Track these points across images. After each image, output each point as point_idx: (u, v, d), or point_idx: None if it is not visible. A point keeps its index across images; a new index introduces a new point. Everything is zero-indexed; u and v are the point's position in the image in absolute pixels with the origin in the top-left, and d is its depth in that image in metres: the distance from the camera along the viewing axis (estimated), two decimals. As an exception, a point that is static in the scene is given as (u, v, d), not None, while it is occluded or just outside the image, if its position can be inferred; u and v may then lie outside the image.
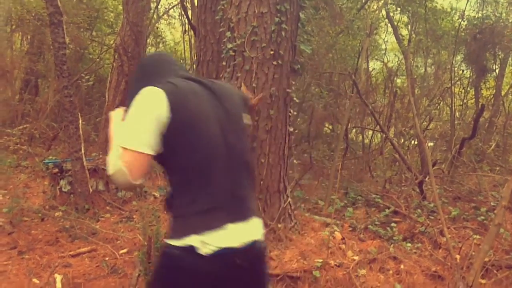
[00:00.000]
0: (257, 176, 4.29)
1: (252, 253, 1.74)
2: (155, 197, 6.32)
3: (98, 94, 13.01)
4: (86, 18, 12.63)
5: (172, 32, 15.18)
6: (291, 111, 4.80)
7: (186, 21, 8.93)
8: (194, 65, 13.17)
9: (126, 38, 8.11)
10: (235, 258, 1.66)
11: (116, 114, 1.87)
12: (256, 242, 1.76)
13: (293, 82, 4.86)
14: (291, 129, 4.77)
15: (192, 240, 1.61)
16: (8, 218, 5.04)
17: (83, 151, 5.49)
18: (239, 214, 1.74)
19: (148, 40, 10.88)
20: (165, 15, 13.01)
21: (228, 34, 4.51)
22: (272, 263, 3.83)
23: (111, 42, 13.97)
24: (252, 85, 4.29)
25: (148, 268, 3.44)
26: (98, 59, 13.05)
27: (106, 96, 8.00)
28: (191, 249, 1.61)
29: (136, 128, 1.62)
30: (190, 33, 9.54)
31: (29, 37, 14.00)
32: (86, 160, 5.59)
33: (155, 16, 11.92)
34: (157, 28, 13.38)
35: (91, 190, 5.56)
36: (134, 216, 5.41)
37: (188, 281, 1.65)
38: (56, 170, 5.71)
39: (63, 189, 5.68)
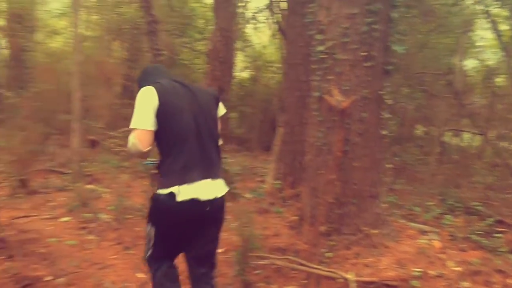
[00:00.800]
0: (350, 180, 4.25)
1: (214, 204, 2.58)
2: (246, 199, 6.46)
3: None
4: (178, 25, 13.22)
5: (259, 36, 15.44)
6: (384, 113, 4.69)
7: (275, 25, 9.06)
8: (281, 69, 13.36)
9: (217, 43, 8.36)
10: (201, 206, 2.51)
11: None
12: (218, 197, 2.60)
13: (386, 84, 4.74)
14: (384, 132, 4.65)
15: (173, 189, 2.47)
16: (114, 215, 5.43)
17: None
18: (206, 175, 2.56)
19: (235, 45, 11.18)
20: (252, 20, 13.27)
21: (318, 36, 4.50)
22: (367, 270, 3.77)
23: (202, 47, 14.52)
24: (343, 88, 4.25)
25: (244, 268, 3.54)
26: (190, 65, 13.60)
27: (199, 100, 8.31)
28: (172, 195, 2.47)
29: (140, 114, 2.48)
30: (278, 37, 9.64)
31: (126, 45, 14.94)
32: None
33: (242, 21, 12.22)
34: (245, 32, 13.69)
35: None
36: (229, 217, 5.57)
37: (169, 217, 2.55)
38: (156, 171, 6.03)
39: (160, 190, 5.99)
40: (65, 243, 4.52)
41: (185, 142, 2.53)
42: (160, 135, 2.53)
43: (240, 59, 14.55)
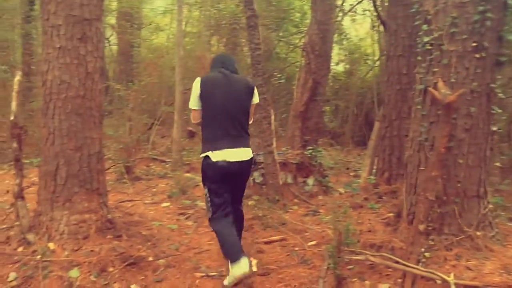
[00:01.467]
0: (454, 178, 4.00)
1: (239, 165, 3.43)
2: (340, 193, 6.38)
3: (285, 91, 13.63)
4: (274, 19, 13.31)
5: (356, 29, 15.07)
6: (494, 108, 4.35)
7: (375, 16, 8.79)
8: (378, 61, 12.94)
9: (314, 36, 8.30)
10: (230, 165, 3.37)
11: None
12: (244, 160, 3.47)
13: (498, 77, 4.39)
14: (494, 128, 4.31)
15: (208, 153, 3.39)
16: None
17: (274, 145, 5.83)
18: (233, 145, 3.40)
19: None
20: (350, 12, 12.99)
21: (425, 27, 4.27)
22: (469, 273, 3.54)
23: (297, 41, 14.51)
24: (450, 80, 3.99)
25: (337, 262, 3.49)
26: (285, 58, 13.66)
27: (294, 94, 8.32)
28: (208, 157, 3.39)
29: (191, 98, 3.50)
30: (378, 28, 9.34)
31: (224, 40, 15.36)
32: (277, 154, 5.91)
33: (340, 14, 12.00)
34: (342, 25, 13.43)
35: (281, 182, 5.87)
36: (321, 210, 5.55)
37: (210, 172, 3.42)
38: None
39: (256, 180, 6.11)
40: (167, 226, 4.78)
41: (216, 120, 3.43)
42: (202, 114, 3.51)
43: (335, 52, 14.34)
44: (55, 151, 3.99)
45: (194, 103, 3.51)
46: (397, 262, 3.63)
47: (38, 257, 3.58)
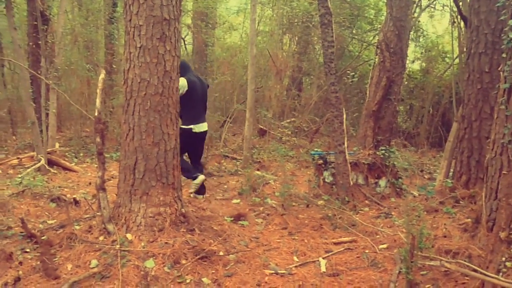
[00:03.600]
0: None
1: (204, 133, 5.99)
2: (414, 196, 6.16)
3: (356, 90, 13.39)
4: (348, 16, 13.09)
5: (434, 25, 14.46)
6: None
7: (455, 11, 8.40)
8: (457, 59, 12.31)
9: (389, 34, 8.08)
10: (201, 134, 5.88)
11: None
12: (206, 130, 5.99)
13: None
14: None
15: (190, 126, 5.73)
16: (279, 201, 5.68)
17: (346, 145, 5.75)
18: (202, 120, 5.87)
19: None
20: (428, 8, 12.49)
21: (511, 22, 4.02)
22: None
23: (371, 39, 14.18)
24: (538, 79, 3.73)
25: (410, 267, 3.39)
26: (358, 56, 13.40)
27: (367, 92, 8.15)
28: (190, 129, 5.73)
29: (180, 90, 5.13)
30: (458, 24, 8.90)
31: (296, 38, 15.34)
32: (348, 153, 5.83)
33: (417, 10, 11.57)
34: (419, 21, 12.94)
35: (351, 183, 5.78)
36: (393, 213, 5.39)
37: (188, 139, 5.55)
38: (321, 161, 6.12)
39: (326, 180, 6.07)
40: (239, 223, 4.87)
41: (195, 105, 5.66)
42: (184, 100, 5.33)
43: (411, 50, 13.84)
44: (134, 146, 4.20)
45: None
46: (474, 271, 3.45)
47: (117, 246, 3.78)
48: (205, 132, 5.99)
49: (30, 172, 7.53)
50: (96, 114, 4.25)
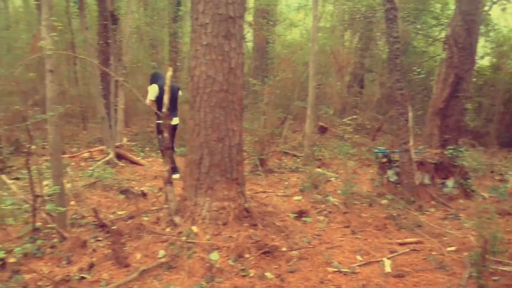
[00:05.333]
0: None
1: (176, 126, 7.02)
2: (484, 198, 5.89)
3: (421, 87, 12.96)
4: (412, 11, 12.69)
5: (506, 18, 13.70)
6: None
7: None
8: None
9: (457, 28, 7.75)
10: (174, 126, 6.81)
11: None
12: (177, 123, 7.07)
13: None
14: None
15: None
16: (341, 199, 5.61)
17: (411, 143, 5.59)
18: (174, 116, 6.78)
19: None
20: (500, 0, 11.85)
21: None
22: None
23: (437, 34, 13.66)
24: None
25: (481, 272, 3.25)
26: (423, 52, 12.97)
27: (433, 89, 7.87)
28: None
29: (151, 94, 6.71)
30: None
31: (358, 34, 15.07)
32: (413, 152, 5.66)
33: (488, 3, 11.03)
34: (489, 15, 12.31)
35: (417, 182, 5.61)
36: (461, 215, 5.19)
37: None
38: (385, 159, 5.99)
39: (389, 179, 5.93)
40: (302, 219, 4.87)
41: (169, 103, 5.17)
42: (160, 101, 5.92)
43: (480, 45, 13.19)
44: (199, 142, 4.31)
45: (152, 97, 6.72)
46: (553, 278, 3.27)
47: (183, 238, 3.90)
48: (176, 125, 7.07)
49: (100, 165, 7.91)
50: (164, 110, 4.40)
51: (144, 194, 5.65)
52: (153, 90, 6.70)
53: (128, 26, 10.02)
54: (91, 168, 7.65)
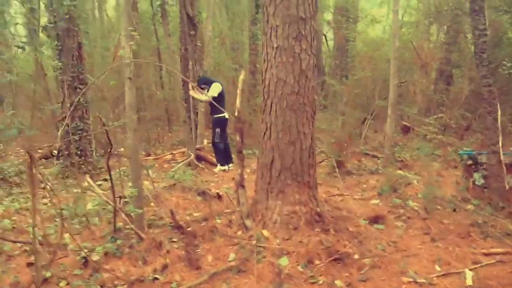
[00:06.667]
0: None
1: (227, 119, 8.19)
2: None
3: (514, 81, 11.94)
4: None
5: None
6: None
7: None
8: None
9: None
10: (227, 119, 8.18)
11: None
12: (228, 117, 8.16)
13: None
14: None
15: (224, 114, 7.96)
16: (422, 203, 5.32)
17: (500, 144, 5.16)
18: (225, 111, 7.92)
19: None
20: None
21: None
22: None
23: (536, 23, 12.54)
24: None
25: None
26: (518, 43, 11.97)
27: (529, 84, 7.22)
28: (223, 116, 8.00)
29: (215, 91, 7.94)
30: None
31: (445, 27, 14.25)
32: (503, 154, 5.22)
33: None
34: None
35: (507, 186, 5.17)
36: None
37: (223, 123, 8.13)
38: (471, 162, 5.59)
39: (476, 182, 5.52)
40: (374, 226, 4.68)
41: (222, 102, 7.78)
42: (215, 100, 7.07)
43: None
44: (271, 145, 4.30)
45: (216, 93, 7.83)
46: None
47: (254, 242, 3.91)
48: (228, 119, 8.11)
49: (181, 167, 8.21)
50: (236, 113, 4.44)
51: (219, 196, 5.76)
52: (217, 88, 7.88)
53: (208, 30, 10.31)
54: (172, 169, 7.96)
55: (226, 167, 8.21)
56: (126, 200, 4.92)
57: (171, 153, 9.52)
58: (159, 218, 5.02)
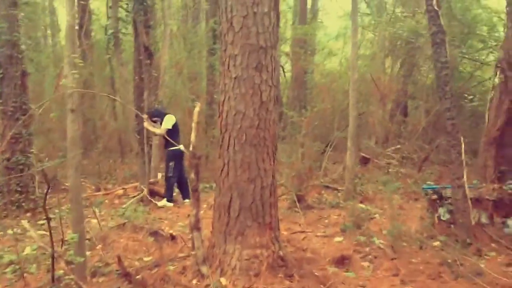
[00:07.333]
0: None
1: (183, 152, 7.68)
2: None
3: (468, 114, 12.20)
4: (458, 35, 12.13)
5: None
6: None
7: None
8: None
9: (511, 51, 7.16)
10: (183, 152, 7.62)
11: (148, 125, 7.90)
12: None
13: None
14: None
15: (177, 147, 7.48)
16: (388, 241, 5.07)
17: (465, 178, 5.03)
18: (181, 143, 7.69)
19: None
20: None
21: None
22: None
23: (483, 57, 12.98)
24: None
25: None
26: (470, 77, 12.30)
27: (486, 116, 7.25)
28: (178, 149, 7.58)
29: (169, 123, 7.77)
30: None
31: (399, 61, 14.57)
32: (467, 187, 5.09)
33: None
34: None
35: (473, 222, 5.02)
36: None
37: (177, 156, 7.84)
38: (435, 196, 5.44)
39: (441, 217, 5.35)
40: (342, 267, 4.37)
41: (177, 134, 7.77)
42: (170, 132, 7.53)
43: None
44: (229, 183, 3.95)
45: (170, 126, 7.72)
46: None
47: (211, 292, 3.51)
48: (183, 152, 7.64)
49: (133, 202, 7.71)
50: (190, 148, 4.09)
51: (173, 237, 5.32)
52: (171, 120, 7.73)
53: (164, 60, 9.97)
54: (123, 206, 7.45)
55: (171, 204, 7.79)
56: (68, 244, 4.41)
57: (123, 188, 8.98)
58: (104, 264, 4.52)
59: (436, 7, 5.54)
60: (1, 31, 6.83)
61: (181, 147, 7.54)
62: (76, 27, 10.01)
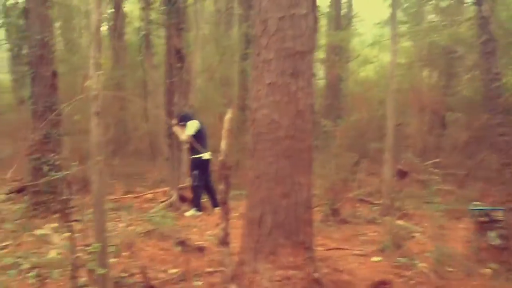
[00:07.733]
0: None
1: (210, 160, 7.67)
2: None
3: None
4: (504, 44, 11.55)
5: None
6: None
7: None
8: None
9: None
10: (208, 160, 7.66)
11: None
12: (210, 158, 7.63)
13: None
14: None
15: (202, 155, 7.50)
16: (430, 263, 4.67)
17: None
18: (207, 150, 7.62)
19: None
20: None
21: None
22: None
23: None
24: None
25: None
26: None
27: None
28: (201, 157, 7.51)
29: (191, 129, 7.53)
30: None
31: (438, 70, 14.07)
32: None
33: None
34: None
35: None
36: None
37: (201, 165, 7.58)
38: (484, 218, 5.00)
39: (491, 242, 4.90)
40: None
41: (204, 139, 7.54)
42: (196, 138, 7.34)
43: None
44: (260, 197, 3.67)
45: (192, 132, 7.42)
46: None
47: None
48: (210, 159, 7.59)
49: (162, 207, 7.54)
50: (221, 157, 3.82)
51: (200, 249, 5.06)
52: (194, 126, 7.44)
53: (196, 64, 9.81)
54: (152, 210, 7.28)
55: (200, 213, 7.50)
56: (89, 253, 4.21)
57: (152, 192, 8.84)
58: (129, 275, 4.30)
59: (487, 13, 5.16)
60: (33, 31, 6.77)
61: (206, 154, 7.40)
62: (103, 28, 9.95)
